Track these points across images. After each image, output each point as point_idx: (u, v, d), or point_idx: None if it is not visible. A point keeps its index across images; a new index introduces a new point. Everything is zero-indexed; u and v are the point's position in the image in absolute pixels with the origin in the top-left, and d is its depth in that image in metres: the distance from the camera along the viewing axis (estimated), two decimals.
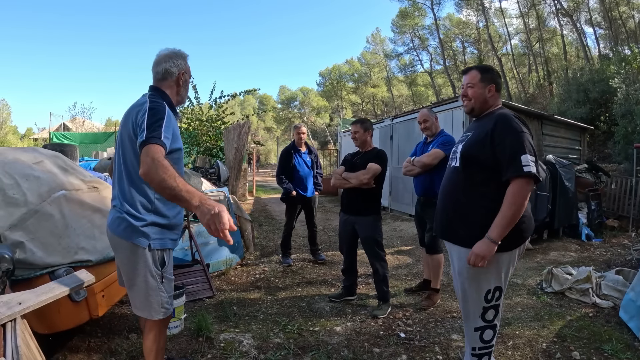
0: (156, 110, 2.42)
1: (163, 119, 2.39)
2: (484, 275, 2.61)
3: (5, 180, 2.94)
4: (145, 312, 2.62)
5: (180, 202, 2.17)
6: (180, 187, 2.12)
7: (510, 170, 2.48)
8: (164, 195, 2.23)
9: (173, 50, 2.77)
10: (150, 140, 2.27)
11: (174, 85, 2.73)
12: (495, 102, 2.84)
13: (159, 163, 2.17)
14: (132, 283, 2.59)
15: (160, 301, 2.61)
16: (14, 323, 1.96)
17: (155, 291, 2.58)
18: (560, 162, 8.19)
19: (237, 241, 6.41)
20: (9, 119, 37.47)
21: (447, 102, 9.96)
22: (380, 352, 3.64)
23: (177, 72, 2.71)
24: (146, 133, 2.29)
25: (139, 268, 2.54)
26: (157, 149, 2.25)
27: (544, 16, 36.26)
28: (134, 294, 2.62)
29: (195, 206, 2.07)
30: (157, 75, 2.72)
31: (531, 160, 2.46)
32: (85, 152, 12.30)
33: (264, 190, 21.73)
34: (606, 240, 8.02)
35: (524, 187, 2.46)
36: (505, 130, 2.56)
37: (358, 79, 57.69)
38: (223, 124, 13.38)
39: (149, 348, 2.69)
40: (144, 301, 2.59)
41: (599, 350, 3.58)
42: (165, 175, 2.14)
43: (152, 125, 2.33)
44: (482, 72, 2.85)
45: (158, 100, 2.54)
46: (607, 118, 17.30)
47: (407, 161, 4.78)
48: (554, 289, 5.00)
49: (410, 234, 9.00)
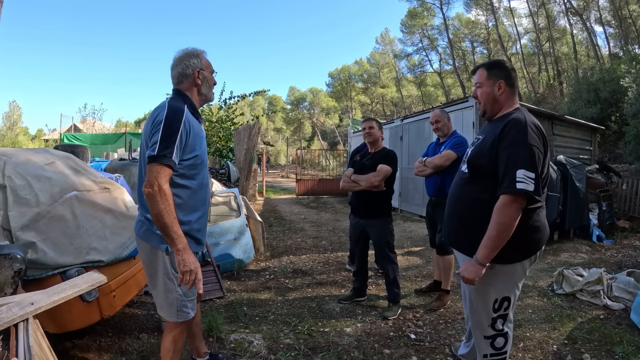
0: (172, 122, 2.42)
1: (177, 132, 2.40)
2: (491, 286, 2.50)
3: (17, 181, 2.96)
4: (165, 313, 2.67)
5: (166, 237, 2.38)
6: (172, 226, 2.34)
7: (503, 185, 2.30)
8: (155, 224, 2.40)
9: (185, 51, 2.74)
10: (161, 160, 2.34)
11: (192, 87, 2.72)
12: (509, 101, 2.60)
13: (164, 194, 2.32)
14: (153, 284, 2.65)
15: (178, 304, 2.61)
16: (26, 323, 1.98)
17: (173, 293, 2.59)
18: (571, 163, 8.14)
19: (247, 242, 6.42)
20: (20, 120, 37.84)
21: (457, 103, 9.92)
22: (391, 354, 3.63)
23: (192, 73, 2.68)
24: (158, 149, 2.34)
25: (158, 269, 2.58)
26: (165, 172, 2.35)
27: (554, 15, 36.02)
28: (155, 295, 2.68)
29: (179, 250, 2.36)
30: (173, 79, 2.73)
31: (528, 176, 2.23)
32: (96, 153, 12.34)
33: (274, 190, 21.81)
34: (617, 241, 7.96)
35: (510, 205, 2.28)
36: (509, 139, 2.34)
37: (367, 79, 57.60)
38: (233, 124, 13.44)
39: (167, 348, 2.71)
40: (163, 302, 2.64)
41: (610, 352, 3.55)
42: (164, 208, 2.31)
43: (166, 141, 2.37)
44: (488, 68, 2.64)
45: (178, 104, 2.54)
46: (617, 118, 17.18)
47: (419, 162, 4.74)
48: (565, 290, 4.97)
49: (421, 234, 8.98)
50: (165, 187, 2.32)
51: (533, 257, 2.55)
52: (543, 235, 2.52)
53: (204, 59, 2.76)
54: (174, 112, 2.46)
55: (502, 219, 2.29)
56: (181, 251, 2.35)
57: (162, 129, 2.38)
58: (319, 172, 24.89)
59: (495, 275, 2.44)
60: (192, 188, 2.60)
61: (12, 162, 3.04)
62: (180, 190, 2.54)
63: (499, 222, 2.30)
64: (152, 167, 2.33)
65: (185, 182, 2.56)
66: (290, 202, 16.69)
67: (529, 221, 2.40)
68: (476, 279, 2.39)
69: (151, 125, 2.47)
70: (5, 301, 2.07)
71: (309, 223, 11.04)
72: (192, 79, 2.69)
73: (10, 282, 2.34)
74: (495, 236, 2.31)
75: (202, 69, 2.72)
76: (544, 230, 2.52)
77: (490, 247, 2.33)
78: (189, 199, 2.60)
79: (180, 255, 2.35)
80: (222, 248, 5.96)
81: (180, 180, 2.54)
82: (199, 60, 2.73)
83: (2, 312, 1.93)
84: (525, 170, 2.24)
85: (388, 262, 4.55)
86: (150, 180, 2.31)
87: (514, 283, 2.54)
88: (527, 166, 2.26)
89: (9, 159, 3.05)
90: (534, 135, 2.33)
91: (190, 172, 2.58)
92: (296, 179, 19.80)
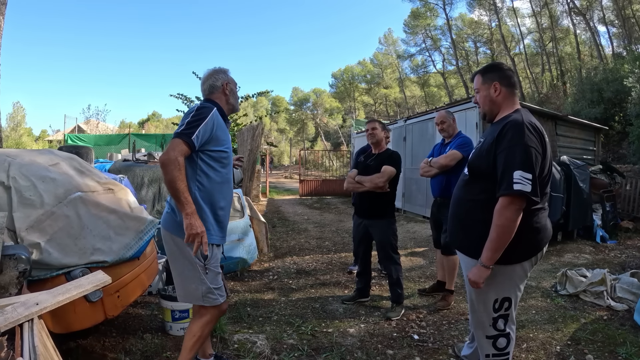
0: (202, 111, 2.76)
1: (204, 119, 2.71)
2: (491, 286, 2.50)
3: (22, 182, 2.96)
4: (188, 299, 2.89)
5: (177, 202, 2.62)
6: (183, 192, 2.59)
7: (502, 187, 2.32)
8: (168, 189, 2.64)
9: (213, 68, 3.09)
10: (182, 136, 2.63)
11: (221, 96, 3.05)
12: (508, 102, 2.60)
13: (178, 163, 2.57)
14: (176, 272, 2.89)
15: (203, 290, 2.78)
16: (31, 323, 1.98)
17: (198, 280, 2.78)
18: (574, 163, 8.13)
19: (251, 243, 6.43)
20: (24, 121, 37.89)
21: (460, 103, 9.92)
22: (394, 354, 3.63)
23: (221, 84, 3.02)
24: (183, 128, 2.67)
25: (180, 258, 2.81)
26: (182, 147, 2.63)
27: (557, 15, 36.00)
28: (177, 282, 2.92)
29: (187, 213, 2.59)
30: (205, 92, 3.07)
31: (525, 177, 2.25)
32: (100, 154, 12.34)
33: (277, 191, 21.81)
34: (621, 242, 7.95)
35: (508, 206, 2.29)
36: (506, 140, 2.36)
37: (370, 80, 57.53)
38: (236, 125, 13.45)
39: (193, 332, 2.85)
40: (185, 289, 2.85)
41: (613, 353, 3.55)
42: (178, 175, 2.57)
43: (192, 123, 2.68)
44: (483, 73, 2.69)
45: (208, 104, 2.90)
46: (621, 118, 17.16)
47: (424, 162, 4.76)
48: (568, 291, 4.96)
49: (424, 235, 8.98)
50: (180, 158, 2.59)
51: (534, 259, 2.55)
52: (543, 237, 2.53)
53: (229, 75, 3.12)
54: (204, 105, 2.83)
55: (501, 220, 2.31)
56: (190, 215, 2.58)
57: (191, 115, 2.73)
58: (322, 173, 24.87)
59: (494, 276, 2.44)
60: (218, 181, 2.85)
61: (16, 163, 3.05)
62: (206, 180, 2.82)
63: (498, 224, 2.32)
64: (173, 141, 2.65)
65: (213, 174, 2.85)
66: (294, 202, 16.70)
67: (529, 223, 2.40)
68: (481, 281, 2.41)
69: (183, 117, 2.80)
70: (11, 301, 2.08)
71: (312, 224, 11.04)
72: (222, 89, 3.04)
73: (15, 282, 2.35)
74: (496, 238, 2.33)
75: (229, 82, 3.08)
76: (544, 231, 2.52)
77: (492, 249, 2.35)
78: (213, 190, 2.86)
79: (189, 219, 2.58)
80: (226, 249, 5.89)
81: (209, 171, 2.83)
82: (226, 75, 3.09)
83: (8, 312, 1.94)
84: (522, 171, 2.26)
85: (391, 263, 4.55)
86: (168, 151, 2.59)
87: (514, 284, 2.54)
88: (523, 167, 2.27)
89: (14, 160, 3.06)
90: (531, 136, 2.34)
91: (217, 164, 2.86)
92: (299, 179, 19.82)
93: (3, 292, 2.24)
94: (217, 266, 2.89)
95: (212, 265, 2.82)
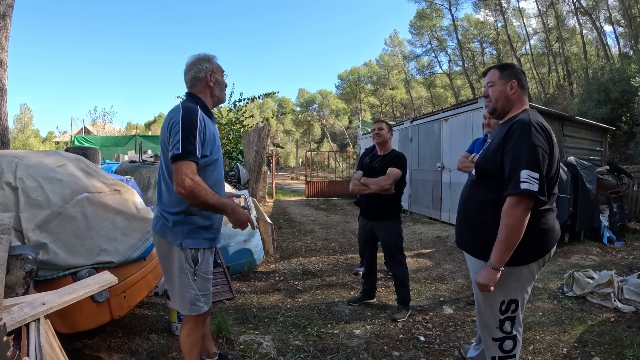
0: (189, 120, 2.54)
1: (196, 128, 2.54)
2: (497, 287, 2.44)
3: (29, 182, 2.98)
4: (179, 306, 2.80)
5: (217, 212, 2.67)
6: (217, 202, 2.57)
7: (509, 186, 2.29)
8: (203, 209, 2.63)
9: (197, 56, 2.86)
10: (186, 157, 2.47)
11: (205, 89, 2.85)
12: (520, 102, 2.59)
13: (198, 185, 2.47)
14: (168, 278, 2.79)
15: (191, 298, 2.71)
16: (38, 323, 1.99)
17: (187, 287, 2.70)
18: (581, 164, 8.08)
19: (257, 244, 6.43)
20: (31, 123, 38.06)
21: (466, 104, 9.90)
22: (400, 356, 3.62)
23: (204, 76, 2.81)
24: (182, 147, 2.47)
25: (173, 264, 2.71)
26: (193, 167, 2.50)
27: (563, 15, 35.78)
28: (170, 288, 2.83)
29: (229, 214, 2.63)
30: (187, 84, 2.86)
31: (532, 176, 2.22)
32: (107, 155, 12.41)
33: (284, 192, 21.83)
34: (628, 243, 7.90)
35: (515, 206, 2.26)
36: (513, 140, 2.34)
37: (376, 81, 57.51)
38: (242, 127, 13.47)
39: (183, 340, 2.82)
40: (177, 295, 2.75)
41: (621, 355, 3.53)
42: (205, 195, 2.50)
43: (187, 138, 2.50)
44: (501, 69, 2.64)
45: (191, 105, 2.66)
46: (628, 118, 17.06)
47: (464, 156, 4.45)
48: (575, 293, 4.94)
49: (430, 236, 8.97)
50: (197, 178, 2.48)
51: (541, 260, 2.53)
52: (551, 238, 2.50)
53: (215, 63, 2.89)
54: (189, 112, 2.58)
55: (509, 220, 2.28)
56: (231, 214, 2.65)
57: (180, 128, 2.50)
58: (328, 174, 24.80)
59: (501, 277, 2.40)
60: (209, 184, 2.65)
61: (23, 164, 3.07)
62: None
63: (506, 225, 2.29)
64: (180, 166, 2.46)
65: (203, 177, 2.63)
66: (300, 204, 16.70)
67: (536, 224, 2.38)
68: (491, 284, 2.36)
69: (168, 128, 2.60)
70: (17, 301, 2.09)
71: (318, 225, 11.05)
72: (205, 81, 2.83)
73: (22, 282, 2.36)
74: (505, 239, 2.30)
75: (213, 72, 2.85)
76: (552, 233, 2.50)
77: (501, 250, 2.32)
78: None
79: (234, 216, 2.66)
80: (232, 250, 5.98)
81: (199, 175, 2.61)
82: (211, 64, 2.86)
83: (14, 312, 1.95)
84: (529, 170, 2.23)
85: (397, 264, 4.54)
86: (182, 179, 2.44)
87: (521, 286, 2.52)
88: (531, 166, 2.24)
89: (21, 161, 3.07)
90: (538, 136, 2.32)
91: (205, 168, 2.69)
92: (306, 180, 19.85)
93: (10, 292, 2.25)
94: (207, 272, 2.82)
95: (202, 271, 2.75)
